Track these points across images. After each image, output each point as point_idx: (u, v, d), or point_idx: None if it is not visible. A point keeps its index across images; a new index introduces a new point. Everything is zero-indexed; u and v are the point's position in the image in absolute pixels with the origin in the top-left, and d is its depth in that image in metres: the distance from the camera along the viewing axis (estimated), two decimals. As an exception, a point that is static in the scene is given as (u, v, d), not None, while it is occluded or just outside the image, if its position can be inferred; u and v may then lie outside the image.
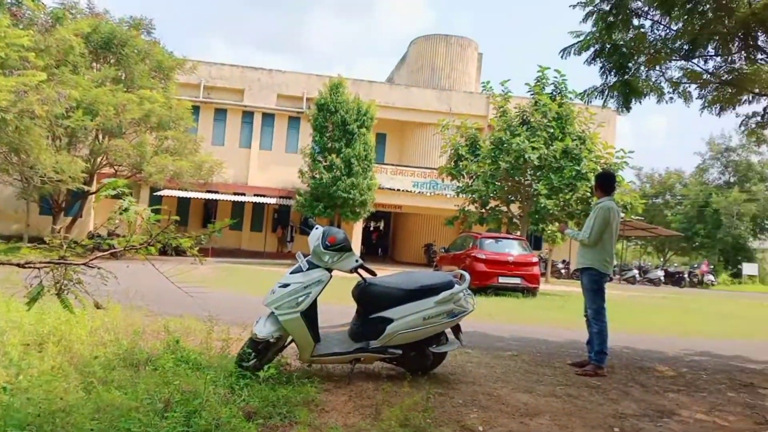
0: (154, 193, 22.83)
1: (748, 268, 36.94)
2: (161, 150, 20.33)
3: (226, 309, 7.31)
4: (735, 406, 4.77)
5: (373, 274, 4.67)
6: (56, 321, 5.04)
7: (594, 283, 5.81)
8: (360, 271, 4.56)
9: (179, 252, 4.24)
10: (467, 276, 4.94)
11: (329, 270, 4.41)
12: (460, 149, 18.66)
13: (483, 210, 18.96)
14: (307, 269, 4.36)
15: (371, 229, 34.98)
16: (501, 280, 14.40)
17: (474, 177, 18.35)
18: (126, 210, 3.57)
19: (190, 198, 24.41)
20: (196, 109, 24.65)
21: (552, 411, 4.18)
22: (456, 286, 4.73)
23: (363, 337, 4.55)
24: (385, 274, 5.22)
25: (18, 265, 3.37)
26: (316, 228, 4.54)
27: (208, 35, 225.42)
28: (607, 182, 6.10)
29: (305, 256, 4.50)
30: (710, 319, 12.76)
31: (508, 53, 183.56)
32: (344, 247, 4.40)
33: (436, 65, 31.46)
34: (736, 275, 36.82)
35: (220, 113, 27.72)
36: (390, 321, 4.51)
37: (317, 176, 21.29)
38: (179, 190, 22.23)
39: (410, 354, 4.70)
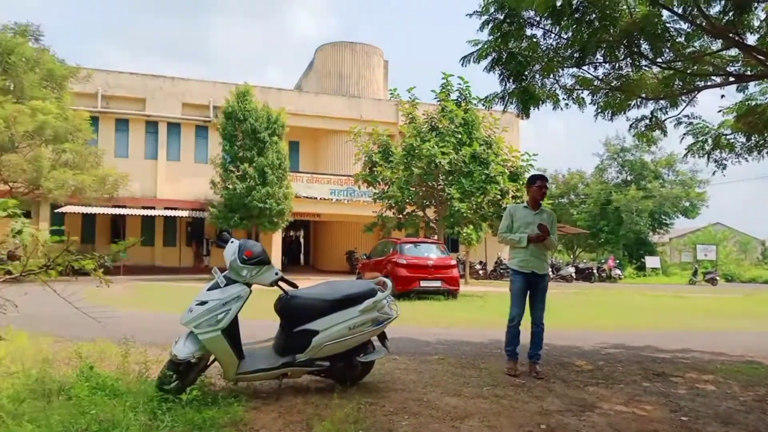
0: (56, 210, 21.28)
1: (651, 261, 38.88)
2: (60, 164, 19.07)
3: (143, 330, 6.93)
4: (651, 395, 5.03)
5: (294, 286, 4.57)
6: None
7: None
8: (281, 284, 4.44)
9: (83, 273, 3.94)
10: (389, 283, 4.94)
11: (248, 284, 4.27)
12: (374, 156, 18.78)
13: (400, 215, 19.13)
14: (225, 285, 4.20)
15: (293, 238, 34.40)
16: (422, 284, 14.53)
17: (389, 183, 18.49)
18: (20, 232, 3.29)
19: (95, 214, 23.02)
20: (94, 120, 23.28)
21: (481, 412, 4.24)
22: (379, 293, 4.72)
23: (289, 351, 4.43)
24: (309, 284, 5.13)
25: None
26: (232, 242, 4.36)
27: (101, 42, 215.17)
28: None
29: (222, 271, 4.33)
30: (621, 312, 13.46)
31: (413, 60, 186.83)
32: (262, 261, 4.27)
33: (343, 72, 31.47)
34: (641, 268, 38.57)
35: (122, 123, 26.20)
36: (315, 333, 4.43)
37: (230, 186, 20.68)
38: (83, 206, 20.90)
39: (338, 365, 4.63)
